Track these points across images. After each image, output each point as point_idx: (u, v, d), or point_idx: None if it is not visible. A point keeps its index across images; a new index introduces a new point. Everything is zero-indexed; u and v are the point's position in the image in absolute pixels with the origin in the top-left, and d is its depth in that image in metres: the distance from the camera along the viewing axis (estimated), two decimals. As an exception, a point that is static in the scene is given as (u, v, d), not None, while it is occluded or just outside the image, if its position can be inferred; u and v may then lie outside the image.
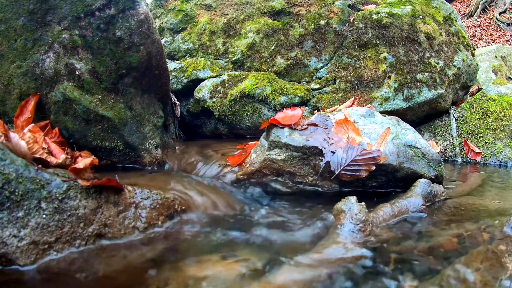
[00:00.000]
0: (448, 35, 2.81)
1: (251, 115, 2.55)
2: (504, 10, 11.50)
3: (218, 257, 1.12)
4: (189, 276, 1.02)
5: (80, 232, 1.17)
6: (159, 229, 1.32)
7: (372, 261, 1.08)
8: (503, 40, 10.48)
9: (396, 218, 1.37)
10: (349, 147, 1.61)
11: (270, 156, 1.69)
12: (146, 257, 1.14)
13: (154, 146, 1.89)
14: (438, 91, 2.57)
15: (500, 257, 1.01)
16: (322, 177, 1.65)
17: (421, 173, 1.63)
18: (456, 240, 1.20)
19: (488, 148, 2.67)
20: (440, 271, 1.01)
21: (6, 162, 1.12)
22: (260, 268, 1.05)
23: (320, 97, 2.56)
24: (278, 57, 2.67)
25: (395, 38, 2.59)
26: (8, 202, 1.09)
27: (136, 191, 1.35)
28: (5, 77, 1.74)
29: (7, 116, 1.77)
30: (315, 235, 1.28)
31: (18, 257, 1.06)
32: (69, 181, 1.21)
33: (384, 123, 1.74)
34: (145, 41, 1.75)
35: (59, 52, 1.67)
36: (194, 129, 2.83)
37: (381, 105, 2.50)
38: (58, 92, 1.67)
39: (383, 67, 2.55)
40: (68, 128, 1.72)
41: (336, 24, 2.66)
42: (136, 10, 1.71)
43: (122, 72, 1.74)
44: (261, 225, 1.38)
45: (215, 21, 2.87)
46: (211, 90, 2.62)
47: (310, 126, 1.70)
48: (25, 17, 1.67)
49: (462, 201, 1.62)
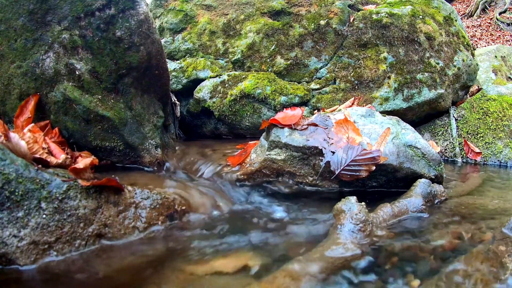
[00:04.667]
0: (448, 35, 2.81)
1: (251, 115, 2.55)
2: (504, 10, 11.50)
3: (218, 257, 1.12)
4: (189, 276, 1.02)
5: (80, 232, 1.17)
6: (159, 229, 1.32)
7: (372, 261, 1.08)
8: (503, 40, 10.48)
9: (396, 218, 1.37)
10: (349, 147, 1.61)
11: (270, 156, 1.69)
12: (146, 257, 1.14)
13: (154, 146, 1.89)
14: (438, 91, 2.57)
15: (500, 257, 1.01)
16: (322, 177, 1.65)
17: (421, 173, 1.63)
18: (456, 240, 1.20)
19: (488, 148, 2.67)
20: (440, 271, 1.01)
21: (6, 162, 1.12)
22: (260, 268, 1.06)
23: (320, 97, 2.56)
24: (278, 57, 2.67)
25: (395, 38, 2.59)
26: (8, 202, 1.09)
27: (136, 191, 1.35)
28: (5, 77, 1.74)
29: (7, 116, 1.77)
30: (315, 235, 1.28)
31: (18, 257, 1.06)
32: (69, 181, 1.21)
33: (384, 123, 1.74)
34: (145, 41, 1.75)
35: (59, 52, 1.67)
36: (194, 129, 2.83)
37: (381, 105, 2.50)
38: (58, 92, 1.67)
39: (383, 67, 2.55)
40: (68, 128, 1.72)
41: (336, 24, 2.66)
42: (136, 10, 1.71)
43: (122, 72, 1.74)
44: (261, 225, 1.38)
45: (215, 21, 2.87)
46: (211, 90, 2.62)
47: (310, 126, 1.70)
48: (25, 17, 1.67)
49: (462, 201, 1.62)
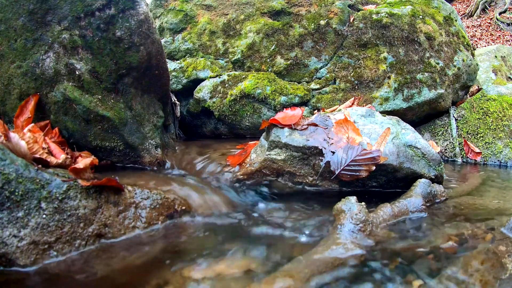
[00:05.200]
0: (448, 35, 2.81)
1: (251, 115, 2.55)
2: (504, 10, 11.50)
3: (218, 257, 1.12)
4: (189, 276, 1.02)
5: (80, 232, 1.17)
6: (159, 229, 1.32)
7: (372, 261, 1.08)
8: (503, 40, 10.49)
9: (396, 218, 1.37)
10: (349, 147, 1.61)
11: (270, 156, 1.69)
12: (146, 257, 1.14)
13: (154, 146, 1.89)
14: (438, 91, 2.57)
15: (500, 257, 1.01)
16: (322, 177, 1.65)
17: (421, 173, 1.63)
18: (456, 240, 1.20)
19: (488, 148, 2.67)
20: (440, 271, 1.01)
21: (6, 162, 1.12)
22: (260, 268, 1.05)
23: (320, 97, 2.56)
24: (278, 57, 2.67)
25: (395, 38, 2.58)
26: (8, 202, 1.09)
27: (136, 191, 1.35)
28: (5, 77, 1.74)
29: (7, 116, 1.77)
30: (315, 235, 1.28)
31: (18, 257, 1.06)
32: (69, 181, 1.21)
33: (384, 123, 1.74)
34: (145, 41, 1.75)
35: (59, 52, 1.67)
36: (194, 129, 2.83)
37: (381, 105, 2.50)
38: (58, 92, 1.67)
39: (383, 67, 2.55)
40: (68, 128, 1.72)
41: (336, 24, 2.66)
42: (136, 10, 1.71)
43: (122, 72, 1.74)
44: (261, 225, 1.38)
45: (215, 21, 2.86)
46: (211, 90, 2.62)
47: (310, 126, 1.70)
48: (25, 17, 1.67)
49: (462, 201, 1.62)
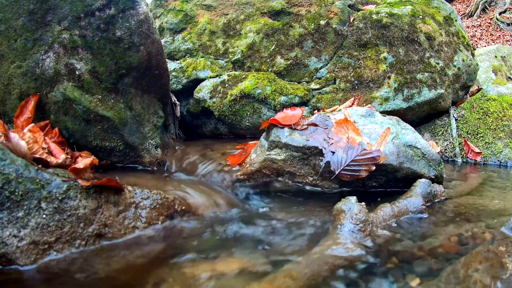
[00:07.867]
0: (448, 35, 2.81)
1: (251, 115, 2.55)
2: (504, 10, 11.50)
3: (218, 257, 1.12)
4: (189, 276, 1.02)
5: (80, 232, 1.17)
6: (159, 229, 1.32)
7: (372, 261, 1.08)
8: (503, 40, 10.49)
9: (396, 218, 1.37)
10: (349, 147, 1.61)
11: (270, 156, 1.69)
12: (146, 257, 1.14)
13: (154, 146, 1.89)
14: (438, 91, 2.57)
15: (500, 257, 1.01)
16: (322, 177, 1.65)
17: (421, 173, 1.63)
18: (456, 240, 1.20)
19: (488, 148, 2.67)
20: (440, 271, 1.01)
21: (6, 162, 1.12)
22: (260, 268, 1.06)
23: (320, 97, 2.56)
24: (278, 57, 2.67)
25: (395, 38, 2.58)
26: (8, 202, 1.09)
27: (136, 191, 1.35)
28: (5, 77, 1.74)
29: (7, 116, 1.77)
30: (315, 235, 1.28)
31: (18, 257, 1.06)
32: (69, 181, 1.21)
33: (384, 123, 1.74)
34: (145, 41, 1.75)
35: (59, 52, 1.67)
36: (194, 129, 2.83)
37: (381, 105, 2.50)
38: (58, 92, 1.67)
39: (383, 67, 2.55)
40: (68, 128, 1.72)
41: (336, 24, 2.66)
42: (136, 10, 1.71)
43: (122, 72, 1.74)
44: (261, 225, 1.38)
45: (215, 21, 2.86)
46: (211, 90, 2.62)
47: (310, 126, 1.70)
48: (25, 17, 1.67)
49: (462, 201, 1.62)
